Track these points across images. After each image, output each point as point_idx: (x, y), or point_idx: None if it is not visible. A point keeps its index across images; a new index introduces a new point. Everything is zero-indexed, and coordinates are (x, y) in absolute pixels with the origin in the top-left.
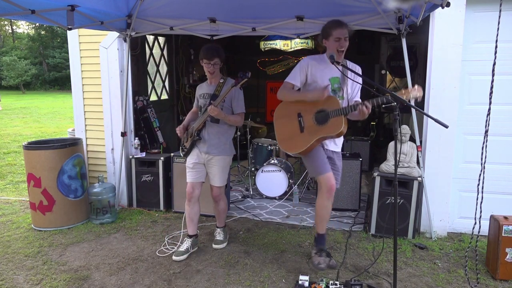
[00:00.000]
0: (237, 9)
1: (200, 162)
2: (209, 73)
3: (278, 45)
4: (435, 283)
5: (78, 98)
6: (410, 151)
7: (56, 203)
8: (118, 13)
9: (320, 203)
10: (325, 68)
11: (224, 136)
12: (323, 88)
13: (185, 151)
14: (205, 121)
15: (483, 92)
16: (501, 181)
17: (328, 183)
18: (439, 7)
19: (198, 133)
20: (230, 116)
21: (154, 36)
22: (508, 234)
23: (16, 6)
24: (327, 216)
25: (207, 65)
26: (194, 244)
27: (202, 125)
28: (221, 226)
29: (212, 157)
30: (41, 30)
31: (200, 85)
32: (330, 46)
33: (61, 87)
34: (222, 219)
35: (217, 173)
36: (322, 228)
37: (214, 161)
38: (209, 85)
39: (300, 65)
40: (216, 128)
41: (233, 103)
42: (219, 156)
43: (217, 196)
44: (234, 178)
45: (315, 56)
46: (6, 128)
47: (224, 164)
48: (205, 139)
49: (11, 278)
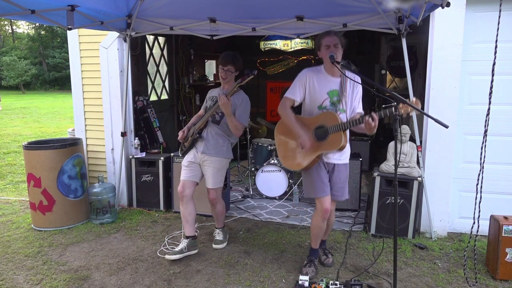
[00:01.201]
0: (237, 9)
1: (196, 162)
2: (221, 78)
3: (278, 45)
4: (435, 283)
5: (78, 98)
6: (410, 151)
7: (56, 203)
8: (118, 13)
9: (314, 223)
10: (324, 81)
11: (222, 138)
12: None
13: (184, 150)
14: (207, 121)
15: (483, 92)
16: (501, 181)
17: (322, 206)
18: (439, 7)
19: (200, 132)
20: (234, 118)
21: (154, 36)
22: (508, 234)
23: (16, 6)
24: (320, 234)
25: (221, 70)
26: (191, 245)
27: (204, 124)
28: (220, 227)
29: (207, 158)
30: (41, 30)
31: (211, 89)
32: (323, 55)
33: (61, 87)
34: (221, 220)
35: (211, 174)
36: (315, 243)
37: (209, 162)
38: (221, 90)
39: (299, 78)
40: (215, 129)
41: (237, 110)
42: (214, 157)
43: (213, 199)
44: (234, 178)
45: (313, 68)
46: (6, 128)
47: (219, 166)
48: (204, 139)
49: (11, 278)
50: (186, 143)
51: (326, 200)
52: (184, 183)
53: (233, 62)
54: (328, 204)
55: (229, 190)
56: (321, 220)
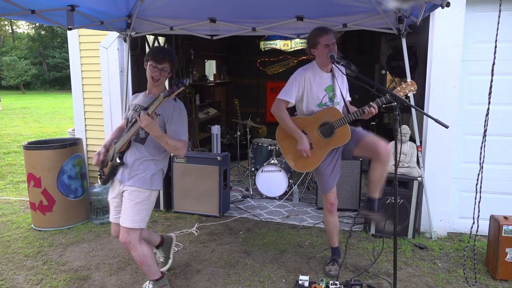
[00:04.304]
0: (237, 9)
1: (118, 197)
2: (152, 80)
3: (278, 45)
4: (435, 283)
5: (78, 98)
6: (410, 151)
7: (56, 203)
8: (118, 13)
9: (325, 220)
10: (320, 78)
11: (147, 163)
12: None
13: (104, 179)
14: (130, 140)
15: (483, 92)
16: (501, 181)
17: (328, 200)
18: (439, 7)
19: (121, 156)
20: (167, 137)
21: (154, 36)
22: (508, 234)
23: (16, 6)
24: (334, 229)
25: (153, 68)
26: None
27: (126, 146)
28: (151, 279)
29: (125, 188)
30: (41, 30)
31: (135, 94)
32: (320, 53)
33: (61, 87)
34: (147, 271)
35: (125, 209)
36: (333, 242)
37: (127, 193)
38: (146, 96)
39: (296, 80)
40: (137, 151)
41: (167, 126)
42: (132, 187)
43: (124, 243)
44: (234, 178)
45: (306, 67)
46: (6, 128)
47: (136, 198)
48: (127, 165)
49: (11, 278)
50: (105, 169)
51: (332, 193)
52: (114, 228)
53: (171, 60)
54: (334, 198)
55: (229, 190)
56: (330, 215)
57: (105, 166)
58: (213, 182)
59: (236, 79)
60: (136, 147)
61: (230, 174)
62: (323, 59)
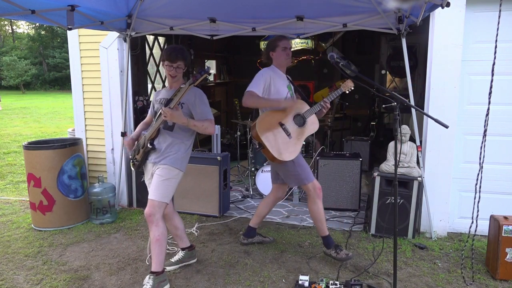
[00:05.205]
0: (237, 9)
1: (152, 178)
2: (170, 77)
3: None
4: (435, 283)
5: (78, 98)
6: (410, 151)
7: (56, 203)
8: (118, 13)
9: (315, 208)
10: (280, 78)
11: (178, 145)
12: (291, 98)
13: (137, 164)
14: (158, 129)
15: (483, 92)
16: (501, 181)
17: (316, 185)
18: (439, 7)
19: (152, 142)
20: (194, 121)
21: (154, 36)
22: (508, 234)
23: (16, 6)
24: (323, 215)
25: (169, 67)
26: (188, 257)
27: (156, 134)
28: (154, 270)
29: (156, 167)
30: (41, 30)
31: (158, 91)
32: (278, 55)
33: (61, 87)
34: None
35: (154, 183)
36: (324, 230)
37: (157, 171)
38: (169, 90)
39: (263, 76)
40: (168, 137)
41: (193, 111)
42: (163, 165)
43: (149, 215)
44: (234, 178)
45: (268, 68)
46: (6, 128)
47: (166, 175)
48: (157, 150)
49: (11, 278)
50: (137, 155)
51: (315, 180)
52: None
53: (183, 57)
54: (318, 182)
55: (229, 190)
56: (320, 201)
57: (137, 153)
58: (213, 182)
59: (236, 79)
60: (166, 133)
61: (230, 174)
62: (281, 61)
